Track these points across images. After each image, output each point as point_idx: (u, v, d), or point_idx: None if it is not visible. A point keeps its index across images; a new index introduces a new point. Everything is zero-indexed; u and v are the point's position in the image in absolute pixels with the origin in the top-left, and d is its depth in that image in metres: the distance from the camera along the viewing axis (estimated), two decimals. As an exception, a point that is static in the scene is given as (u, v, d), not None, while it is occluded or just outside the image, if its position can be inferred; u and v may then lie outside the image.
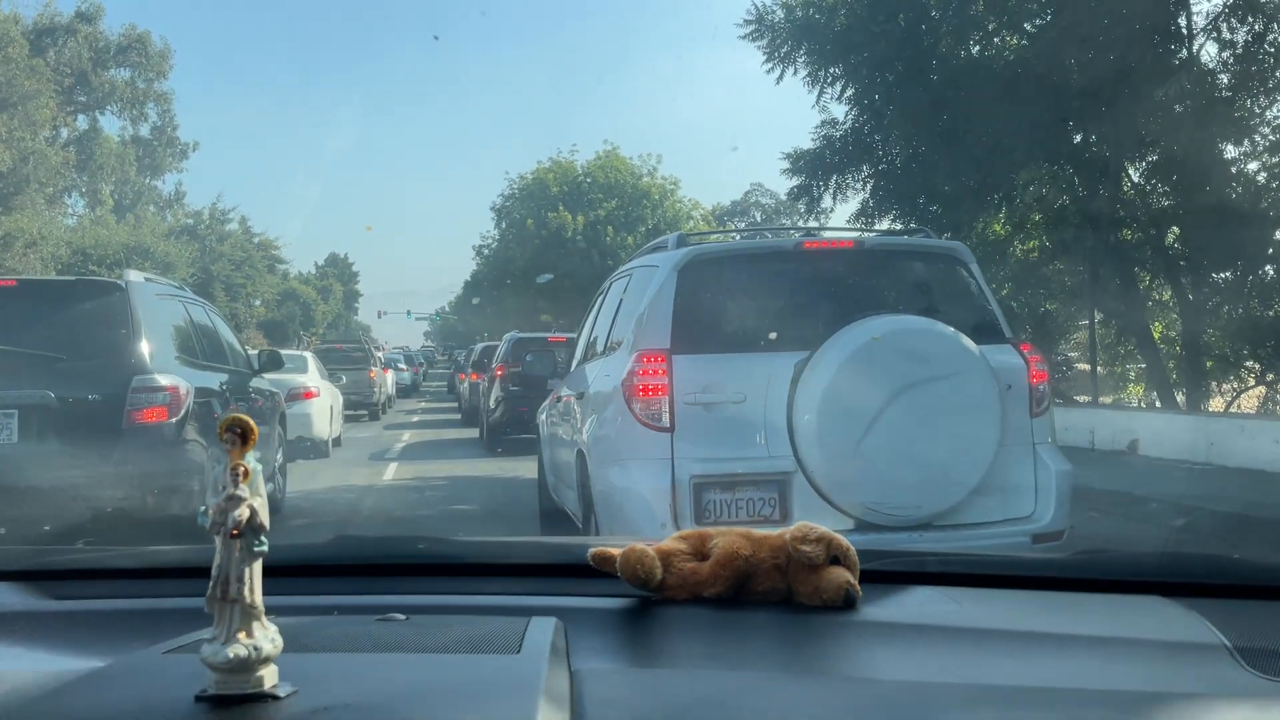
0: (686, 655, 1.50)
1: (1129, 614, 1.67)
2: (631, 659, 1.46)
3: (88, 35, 48.55)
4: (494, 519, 9.93)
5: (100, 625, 1.68)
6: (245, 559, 1.11)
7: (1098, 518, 8.87)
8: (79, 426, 6.96)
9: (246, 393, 9.58)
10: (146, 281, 8.12)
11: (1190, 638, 1.50)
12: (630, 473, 5.30)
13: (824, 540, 1.65)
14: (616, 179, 40.90)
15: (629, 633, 1.57)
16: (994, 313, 5.79)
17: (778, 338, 5.41)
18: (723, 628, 1.59)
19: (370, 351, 29.28)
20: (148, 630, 1.46)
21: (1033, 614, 1.68)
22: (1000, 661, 1.43)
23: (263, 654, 1.10)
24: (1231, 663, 1.39)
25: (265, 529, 1.11)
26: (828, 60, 17.14)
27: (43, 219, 36.80)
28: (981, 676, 1.35)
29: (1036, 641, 1.52)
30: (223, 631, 1.10)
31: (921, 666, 1.39)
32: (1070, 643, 1.50)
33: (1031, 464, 5.34)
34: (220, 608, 1.11)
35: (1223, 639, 1.47)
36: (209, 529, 1.11)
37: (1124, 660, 1.43)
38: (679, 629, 1.59)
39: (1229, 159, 15.03)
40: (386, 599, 1.66)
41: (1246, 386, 17.23)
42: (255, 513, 1.10)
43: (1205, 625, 1.53)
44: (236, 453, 1.11)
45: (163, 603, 1.78)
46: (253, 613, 1.11)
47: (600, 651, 1.42)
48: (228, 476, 1.11)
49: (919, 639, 1.51)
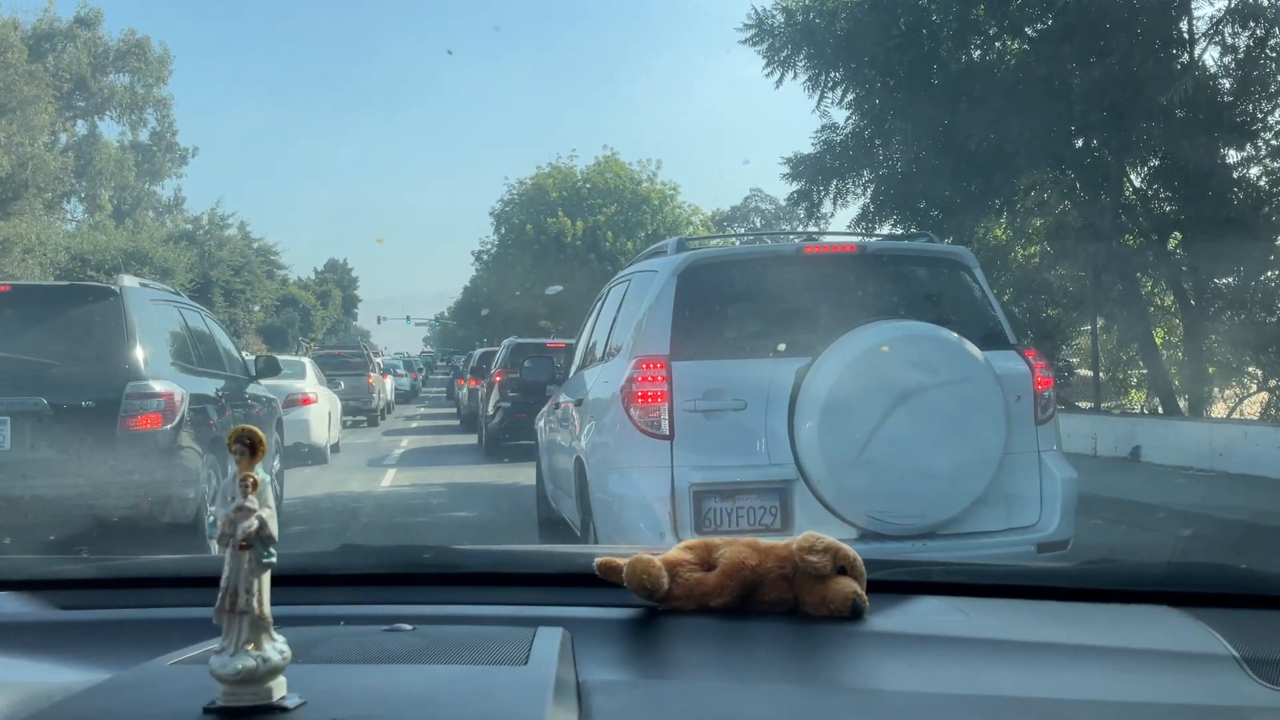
0: (693, 666, 1.49)
1: (1136, 624, 1.66)
2: (638, 670, 1.45)
3: (87, 40, 48.67)
4: (492, 527, 9.87)
5: (107, 636, 1.67)
6: (254, 570, 1.11)
7: (1101, 526, 8.80)
8: (73, 434, 6.91)
9: (243, 399, 9.52)
10: (141, 287, 8.05)
11: (1198, 648, 1.49)
12: (629, 481, 5.22)
13: (831, 550, 1.64)
14: (616, 184, 40.90)
15: (636, 643, 1.56)
16: (998, 318, 5.72)
17: (779, 344, 5.34)
18: (729, 638, 1.58)
19: (369, 357, 29.46)
20: (154, 641, 1.46)
21: (1040, 624, 1.67)
22: (1007, 672, 1.42)
23: (271, 665, 1.10)
24: (1239, 673, 1.39)
25: (274, 540, 1.11)
26: (828, 64, 17.07)
27: (41, 224, 36.78)
28: (989, 687, 1.35)
29: (1044, 652, 1.50)
30: (231, 643, 1.10)
31: (929, 677, 1.39)
32: (1078, 653, 1.49)
33: (1037, 472, 5.27)
34: (229, 619, 1.11)
35: (1230, 649, 1.46)
36: (218, 540, 1.11)
37: (1131, 671, 1.42)
38: (685, 639, 1.58)
39: (1231, 164, 14.98)
40: (393, 609, 1.66)
41: (1249, 393, 17.17)
42: (264, 524, 1.11)
43: (1213, 635, 1.53)
44: (245, 464, 1.11)
45: (169, 613, 1.78)
46: (261, 624, 1.11)
47: (607, 662, 1.42)
48: (236, 488, 1.11)
49: (926, 649, 1.50)
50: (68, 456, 6.85)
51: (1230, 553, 7.46)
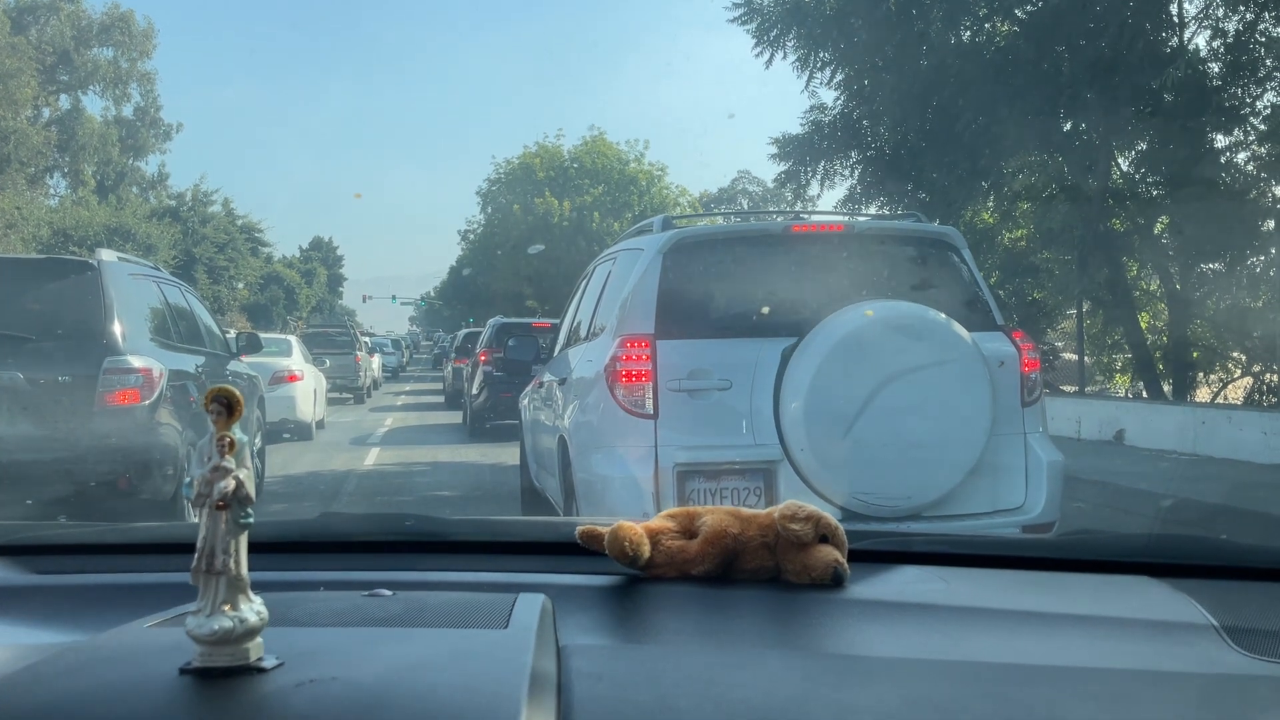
0: (674, 632, 1.49)
1: (1117, 594, 1.67)
2: (619, 635, 1.46)
3: (70, 14, 48.19)
4: (475, 506, 9.82)
5: (83, 600, 1.66)
6: (231, 531, 1.10)
7: (1085, 508, 8.80)
8: (49, 408, 6.85)
9: (224, 376, 9.44)
10: (120, 261, 7.96)
11: (1178, 617, 1.50)
12: (613, 460, 5.18)
13: (813, 519, 1.65)
14: (603, 164, 40.73)
15: (617, 610, 1.57)
16: (986, 299, 5.69)
17: (765, 323, 5.29)
18: (711, 605, 1.58)
19: (356, 336, 30.27)
20: (131, 604, 1.45)
21: (1020, 593, 1.68)
22: (987, 639, 1.42)
23: (248, 626, 1.09)
24: (1219, 642, 1.40)
25: (252, 501, 1.11)
26: (817, 44, 17.00)
27: (23, 199, 36.52)
28: (968, 654, 1.35)
29: (1024, 620, 1.51)
30: (207, 604, 1.10)
31: (909, 644, 1.40)
32: (1057, 621, 1.50)
33: (1023, 454, 5.24)
34: (205, 580, 1.10)
35: (1210, 618, 1.47)
36: (193, 500, 1.10)
37: (1111, 639, 1.43)
38: (667, 606, 1.59)
39: (1219, 149, 14.99)
40: (374, 575, 1.65)
41: (1233, 377, 17.23)
42: (242, 484, 1.09)
43: (1193, 605, 1.54)
44: (222, 423, 1.09)
45: (147, 577, 1.76)
46: (238, 585, 1.10)
47: (588, 628, 1.43)
48: (213, 447, 1.10)
49: (906, 617, 1.51)
50: (44, 431, 6.78)
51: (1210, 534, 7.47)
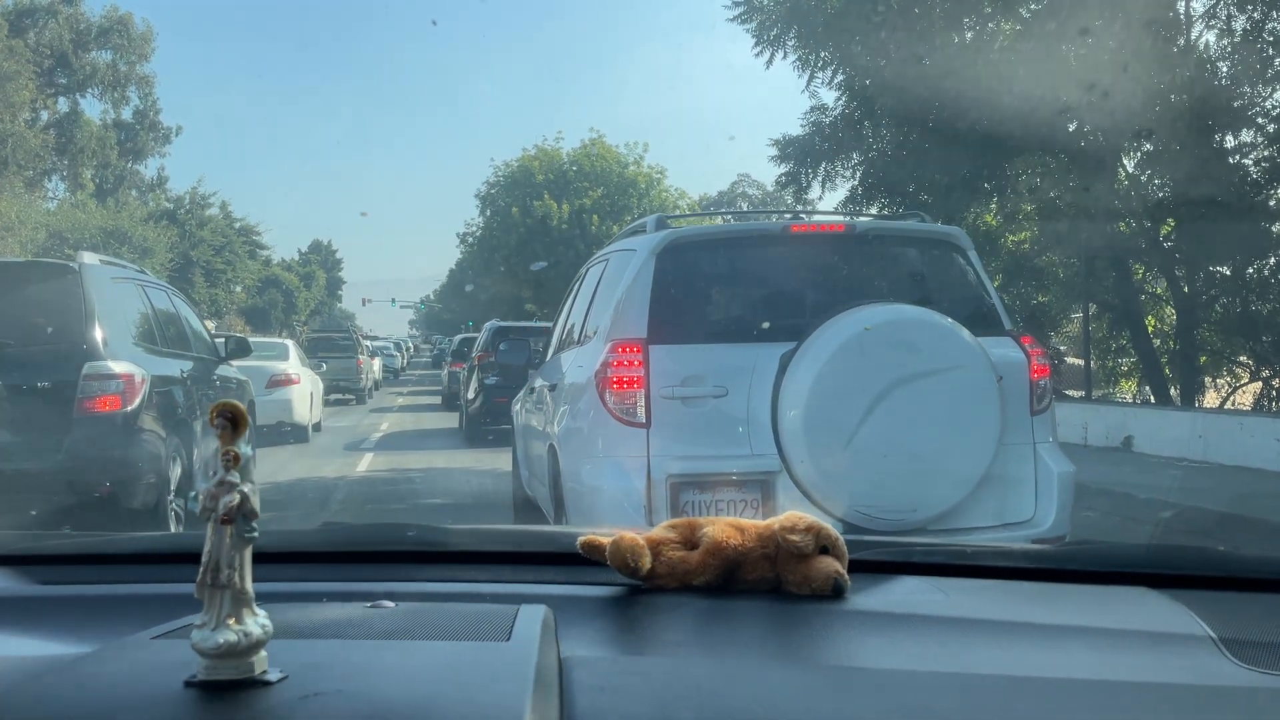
0: (675, 643, 1.50)
1: (1115, 605, 1.68)
2: (621, 647, 1.48)
3: (68, 16, 48.05)
4: (468, 515, 9.59)
5: (88, 611, 1.67)
6: (236, 545, 1.12)
7: (1094, 517, 8.60)
8: (28, 415, 6.74)
9: (211, 381, 9.26)
10: (102, 264, 7.81)
11: (1176, 629, 1.51)
12: (603, 471, 4.98)
13: (813, 530, 1.66)
14: (602, 167, 40.55)
15: (618, 621, 1.59)
16: (993, 303, 5.49)
17: (763, 327, 5.11)
18: (711, 616, 1.59)
19: (357, 339, 31.54)
20: (136, 616, 1.46)
21: (1019, 604, 1.70)
22: (987, 651, 1.44)
23: (252, 639, 1.10)
24: (1217, 654, 1.40)
25: (257, 515, 1.12)
26: (818, 44, 16.83)
27: (21, 202, 36.33)
28: (968, 666, 1.36)
29: (1023, 631, 1.52)
30: (212, 617, 1.11)
31: (909, 655, 1.41)
32: (1057, 633, 1.51)
33: (1032, 465, 5.04)
34: (210, 593, 1.11)
35: (1208, 630, 1.48)
36: (199, 514, 1.12)
37: (1110, 650, 1.43)
38: (668, 617, 1.60)
39: (1227, 150, 14.78)
40: (376, 586, 1.66)
41: (1242, 382, 17.03)
42: (247, 499, 1.11)
43: (1191, 617, 1.54)
44: (227, 437, 1.11)
45: (151, 588, 1.78)
46: (243, 599, 1.12)
47: (590, 639, 1.44)
48: (218, 462, 1.11)
49: (906, 628, 1.52)
50: (22, 439, 6.65)
51: (1219, 543, 7.28)
